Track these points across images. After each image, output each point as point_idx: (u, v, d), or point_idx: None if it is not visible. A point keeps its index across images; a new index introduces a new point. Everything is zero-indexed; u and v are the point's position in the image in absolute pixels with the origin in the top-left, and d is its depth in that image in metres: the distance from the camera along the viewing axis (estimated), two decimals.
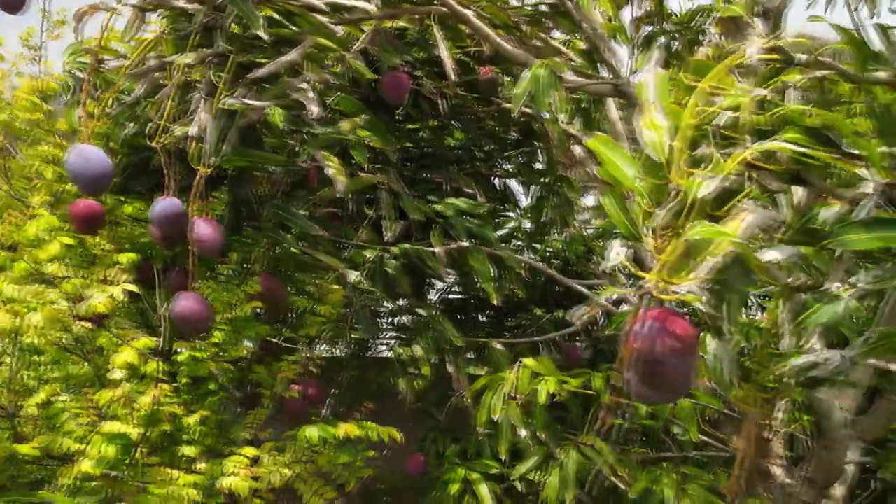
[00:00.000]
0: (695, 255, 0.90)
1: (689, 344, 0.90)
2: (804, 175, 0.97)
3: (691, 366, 0.92)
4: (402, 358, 2.88)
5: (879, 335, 1.10)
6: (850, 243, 1.11)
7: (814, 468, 2.79)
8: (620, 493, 2.74)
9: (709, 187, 0.88)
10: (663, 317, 0.90)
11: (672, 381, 0.92)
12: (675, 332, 0.89)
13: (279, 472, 2.05)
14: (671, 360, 0.90)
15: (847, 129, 0.92)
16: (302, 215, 2.12)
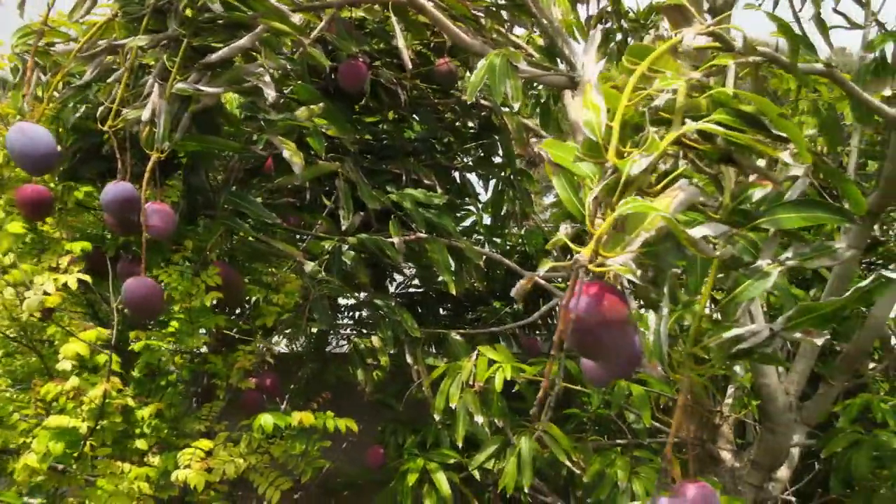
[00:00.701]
0: (628, 230, 0.93)
1: (621, 316, 0.93)
2: (735, 156, 1.01)
3: (624, 336, 0.96)
4: (361, 349, 2.88)
5: (801, 310, 1.16)
6: (782, 222, 1.16)
7: (759, 452, 2.89)
8: (576, 480, 2.80)
9: (641, 165, 0.91)
10: (597, 290, 0.93)
11: (607, 352, 0.95)
12: (607, 305, 0.92)
13: (233, 464, 2.03)
14: (605, 332, 0.92)
15: (774, 113, 0.97)
16: (258, 203, 2.10)
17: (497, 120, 3.42)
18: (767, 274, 1.18)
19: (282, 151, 2.02)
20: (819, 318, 1.14)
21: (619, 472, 2.27)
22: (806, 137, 2.71)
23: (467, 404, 2.36)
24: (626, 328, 0.97)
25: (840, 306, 1.18)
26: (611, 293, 0.94)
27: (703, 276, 1.24)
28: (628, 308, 0.96)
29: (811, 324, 1.14)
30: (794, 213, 1.16)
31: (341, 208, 2.46)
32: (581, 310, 0.92)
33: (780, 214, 1.17)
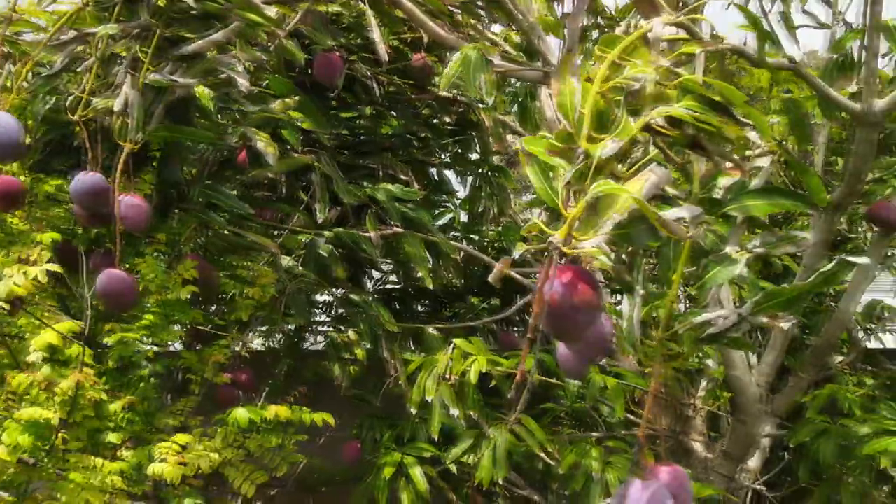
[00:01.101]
0: (600, 212, 0.95)
1: (594, 298, 0.95)
2: (702, 142, 1.04)
3: (597, 318, 0.98)
4: (337, 344, 2.88)
5: (768, 294, 1.19)
6: (749, 209, 1.20)
7: (730, 442, 2.95)
8: (552, 472, 2.82)
9: (611, 148, 0.93)
10: (570, 273, 0.95)
11: (581, 334, 0.97)
12: (581, 288, 0.94)
13: (208, 458, 2.01)
14: (579, 314, 0.94)
15: (740, 100, 0.99)
16: (232, 195, 2.09)
17: (474, 117, 3.44)
18: (735, 261, 1.21)
19: (255, 144, 2.01)
20: (785, 302, 1.18)
21: (594, 463, 2.30)
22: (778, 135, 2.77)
23: (443, 397, 2.37)
24: (599, 310, 0.99)
25: (805, 290, 1.21)
26: (584, 276, 0.96)
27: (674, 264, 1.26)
28: (600, 291, 0.98)
29: (777, 308, 1.17)
30: (760, 201, 1.19)
31: (317, 202, 2.46)
32: (556, 293, 0.93)
33: (747, 202, 1.20)
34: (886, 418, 2.30)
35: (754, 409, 2.81)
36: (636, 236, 0.96)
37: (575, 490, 2.34)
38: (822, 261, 2.40)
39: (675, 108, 0.96)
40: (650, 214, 0.90)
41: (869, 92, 1.89)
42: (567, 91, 1.06)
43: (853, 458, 2.40)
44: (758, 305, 1.20)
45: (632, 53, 1.13)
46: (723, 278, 1.18)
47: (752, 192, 1.19)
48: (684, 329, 1.22)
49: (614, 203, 0.95)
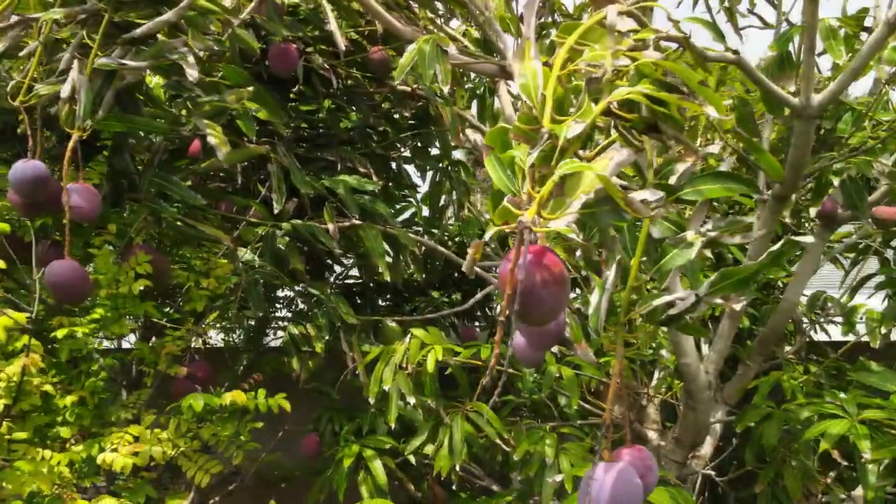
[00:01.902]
0: (567, 193, 0.98)
1: (562, 276, 0.97)
2: (659, 125, 1.07)
3: (563, 298, 0.99)
4: (295, 336, 2.87)
5: (722, 274, 1.24)
6: (703, 192, 1.24)
7: (681, 429, 3.03)
8: (511, 463, 2.86)
9: (576, 129, 0.95)
10: (538, 252, 0.96)
11: (548, 313, 0.97)
12: (549, 265, 0.96)
13: (161, 448, 1.99)
14: (546, 292, 0.95)
15: (693, 80, 1.03)
16: (183, 185, 2.06)
17: (434, 111, 3.46)
18: (691, 244, 1.25)
19: (207, 137, 2.00)
20: (738, 281, 1.23)
21: (547, 450, 2.34)
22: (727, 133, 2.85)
23: (400, 386, 2.38)
24: (568, 290, 1.00)
25: (756, 269, 1.26)
26: (551, 254, 0.98)
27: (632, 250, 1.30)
28: (566, 270, 1.00)
29: (732, 288, 1.23)
30: (713, 185, 1.23)
31: (273, 193, 2.45)
32: (525, 272, 0.94)
33: (700, 185, 1.24)
34: (826, 402, 2.39)
35: (704, 397, 2.89)
36: (602, 216, 0.98)
37: (529, 476, 2.38)
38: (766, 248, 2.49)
39: (631, 89, 0.99)
40: (615, 193, 0.92)
41: (807, 87, 1.97)
42: (529, 72, 1.08)
43: (797, 441, 2.49)
44: (713, 286, 1.24)
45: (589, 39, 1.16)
46: (679, 261, 1.22)
47: (705, 176, 1.23)
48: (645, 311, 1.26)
49: (581, 183, 0.97)
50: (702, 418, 2.95)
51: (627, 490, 1.08)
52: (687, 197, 1.27)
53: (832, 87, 1.96)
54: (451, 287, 4.13)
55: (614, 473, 1.08)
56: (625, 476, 1.09)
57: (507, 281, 0.94)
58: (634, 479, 1.10)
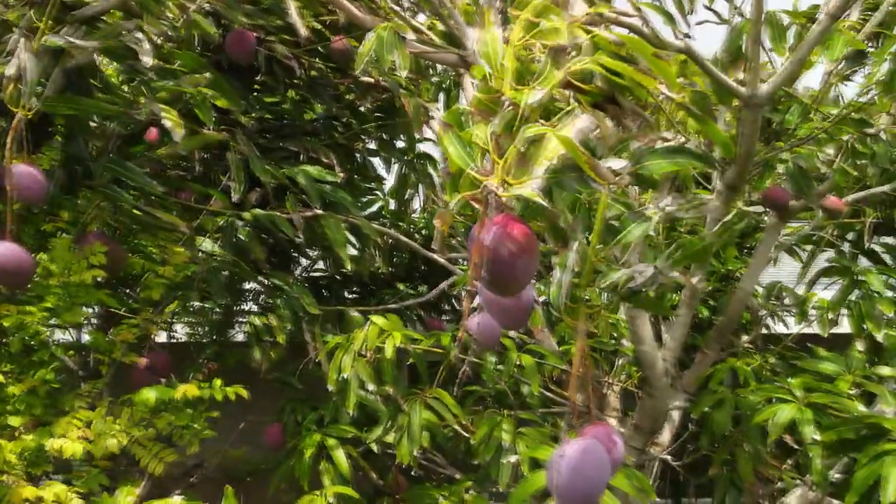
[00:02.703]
0: (531, 160, 0.99)
1: (532, 245, 0.97)
2: (617, 97, 1.09)
3: (533, 266, 0.99)
4: (258, 327, 2.86)
5: (679, 246, 1.27)
6: (653, 168, 1.27)
7: (640, 416, 3.09)
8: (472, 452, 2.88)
9: (537, 96, 0.97)
10: (507, 221, 0.97)
11: (519, 281, 0.97)
12: (518, 234, 0.96)
13: (114, 437, 1.97)
14: (518, 261, 0.95)
15: (648, 53, 1.06)
16: (139, 171, 2.05)
17: (398, 103, 3.46)
18: (648, 218, 1.28)
19: (162, 121, 1.98)
20: (695, 254, 1.26)
21: (504, 434, 2.37)
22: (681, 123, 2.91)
23: (359, 373, 2.39)
24: (537, 258, 1.00)
25: (711, 242, 1.30)
26: (519, 224, 0.98)
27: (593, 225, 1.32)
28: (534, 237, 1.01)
29: (689, 259, 1.26)
30: (663, 160, 1.26)
31: (232, 181, 2.44)
32: (494, 239, 0.94)
33: (650, 161, 1.27)
34: (776, 387, 2.46)
35: (662, 384, 2.95)
36: (567, 182, 0.99)
37: (486, 460, 2.40)
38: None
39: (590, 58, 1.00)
40: (579, 157, 0.93)
41: (754, 77, 2.03)
42: (490, 40, 1.09)
43: (748, 426, 2.56)
44: (672, 258, 1.27)
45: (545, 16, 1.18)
46: (637, 234, 1.25)
47: (656, 151, 1.25)
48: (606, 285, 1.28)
49: (544, 149, 0.98)
50: (659, 405, 3.01)
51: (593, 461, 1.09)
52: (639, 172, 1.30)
53: (777, 77, 2.01)
54: (418, 280, 4.14)
55: (580, 447, 1.10)
56: (590, 449, 1.10)
57: (476, 250, 0.94)
58: (600, 451, 1.12)
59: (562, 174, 1.01)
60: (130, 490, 1.85)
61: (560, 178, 1.02)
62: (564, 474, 1.05)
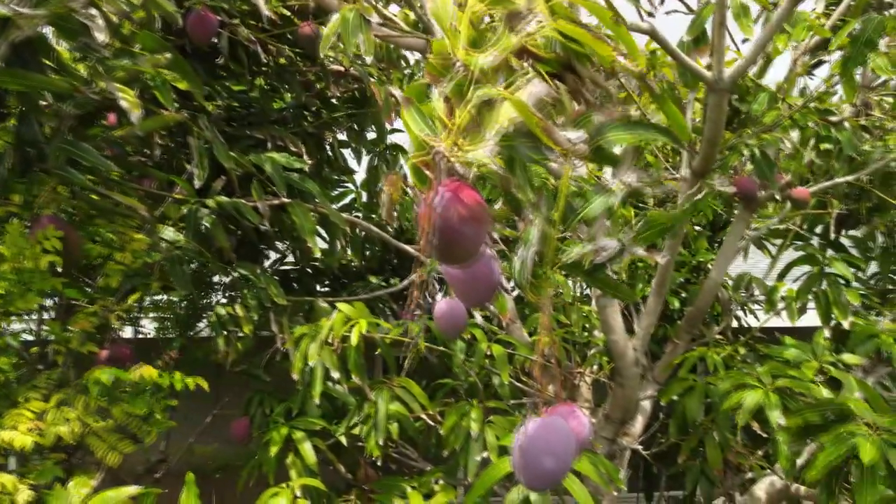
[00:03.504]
0: (484, 125, 0.95)
1: (482, 212, 0.94)
2: (575, 65, 1.06)
3: (482, 234, 0.96)
4: (223, 317, 2.80)
5: (646, 222, 1.25)
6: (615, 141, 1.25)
7: (611, 405, 3.09)
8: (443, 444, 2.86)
9: (489, 58, 0.93)
10: (457, 187, 0.93)
11: (464, 249, 0.94)
12: (468, 201, 0.93)
13: (68, 426, 1.91)
14: (467, 228, 0.92)
15: (605, 16, 1.03)
16: (94, 152, 1.98)
17: (369, 92, 3.43)
18: (612, 192, 1.26)
19: (118, 100, 1.92)
20: (660, 230, 1.24)
21: (473, 424, 2.35)
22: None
23: (325, 361, 2.35)
24: (487, 226, 0.97)
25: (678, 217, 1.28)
26: (470, 190, 0.94)
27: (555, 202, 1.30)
28: (485, 205, 0.97)
29: (656, 235, 1.24)
30: (625, 133, 1.24)
31: (195, 166, 2.38)
32: (443, 206, 0.91)
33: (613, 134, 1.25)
34: (744, 374, 2.47)
35: (632, 373, 2.96)
36: (521, 148, 0.96)
37: (454, 448, 2.38)
38: (685, 224, 2.55)
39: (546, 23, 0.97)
40: (531, 120, 0.90)
41: (719, 61, 2.03)
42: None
43: (717, 413, 2.56)
44: (638, 234, 1.25)
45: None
46: (600, 208, 1.23)
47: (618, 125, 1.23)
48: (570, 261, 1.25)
49: (497, 114, 0.95)
50: (630, 394, 3.02)
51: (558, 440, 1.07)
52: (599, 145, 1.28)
53: (741, 61, 2.02)
54: (390, 272, 4.11)
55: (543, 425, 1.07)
56: (554, 427, 1.08)
57: (424, 216, 0.91)
58: (565, 429, 1.09)
59: (515, 139, 0.98)
60: (84, 481, 1.78)
61: (513, 144, 0.99)
62: (527, 453, 1.03)
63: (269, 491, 2.43)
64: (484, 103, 0.99)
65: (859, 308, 3.32)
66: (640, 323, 2.94)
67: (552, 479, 1.05)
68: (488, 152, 0.96)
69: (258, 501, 2.42)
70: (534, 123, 0.93)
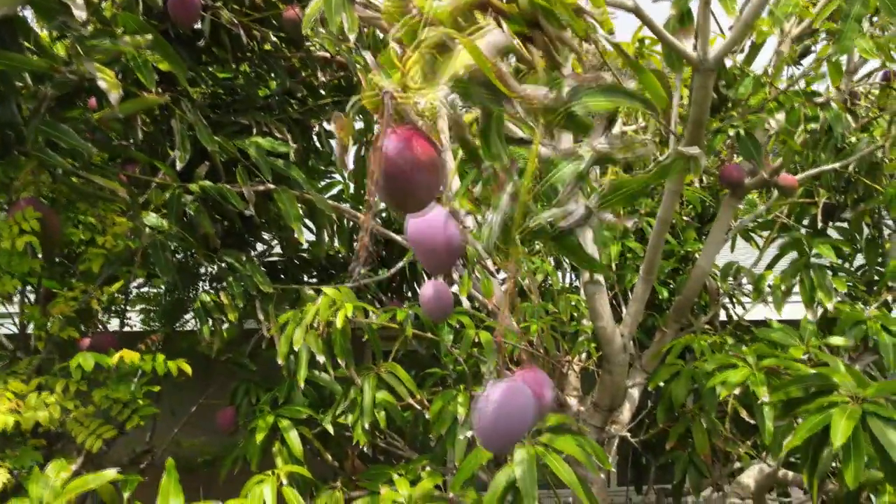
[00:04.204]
0: (438, 71, 0.94)
1: (432, 158, 0.92)
2: (540, 20, 1.04)
3: (434, 184, 0.94)
4: (207, 304, 2.78)
5: (613, 187, 1.24)
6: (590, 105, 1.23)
7: (599, 393, 3.08)
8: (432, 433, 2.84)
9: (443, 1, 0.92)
10: (408, 133, 0.92)
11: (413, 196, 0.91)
12: (418, 146, 0.91)
13: (47, 412, 1.88)
14: (416, 173, 0.90)
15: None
16: (72, 132, 1.95)
17: (356, 79, 3.40)
18: (581, 157, 1.25)
19: (97, 81, 1.90)
20: (629, 194, 1.22)
21: (459, 408, 2.33)
22: None
23: (310, 345, 2.33)
24: (438, 173, 0.95)
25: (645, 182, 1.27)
26: (423, 135, 0.92)
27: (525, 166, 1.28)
28: (440, 154, 0.96)
29: (623, 200, 1.22)
30: (601, 98, 1.22)
31: (177, 149, 2.35)
32: (391, 150, 0.88)
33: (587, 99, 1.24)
34: (730, 356, 2.47)
35: (620, 359, 2.95)
36: (476, 94, 0.94)
37: (440, 433, 2.36)
38: (674, 208, 2.55)
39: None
40: (485, 66, 0.88)
41: (703, 41, 2.02)
42: None
43: (703, 396, 2.56)
44: (604, 198, 1.24)
45: None
46: (569, 174, 1.21)
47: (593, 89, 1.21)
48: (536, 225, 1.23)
49: (453, 60, 0.93)
50: (618, 381, 3.01)
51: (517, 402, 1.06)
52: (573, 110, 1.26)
53: (726, 40, 2.01)
54: (378, 263, 4.09)
55: (504, 387, 1.06)
56: (515, 390, 1.07)
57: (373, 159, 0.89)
58: (525, 392, 1.08)
59: (469, 85, 0.96)
60: (63, 465, 1.75)
61: (468, 89, 0.97)
62: (487, 414, 1.01)
63: (255, 478, 2.41)
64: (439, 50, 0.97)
65: (846, 298, 3.33)
66: (628, 309, 2.94)
67: (508, 439, 1.05)
68: (442, 95, 0.95)
69: (243, 489, 2.39)
70: (488, 69, 0.91)
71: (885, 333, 2.70)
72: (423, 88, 0.92)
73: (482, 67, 0.89)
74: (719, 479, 3.39)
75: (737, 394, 2.44)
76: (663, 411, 2.69)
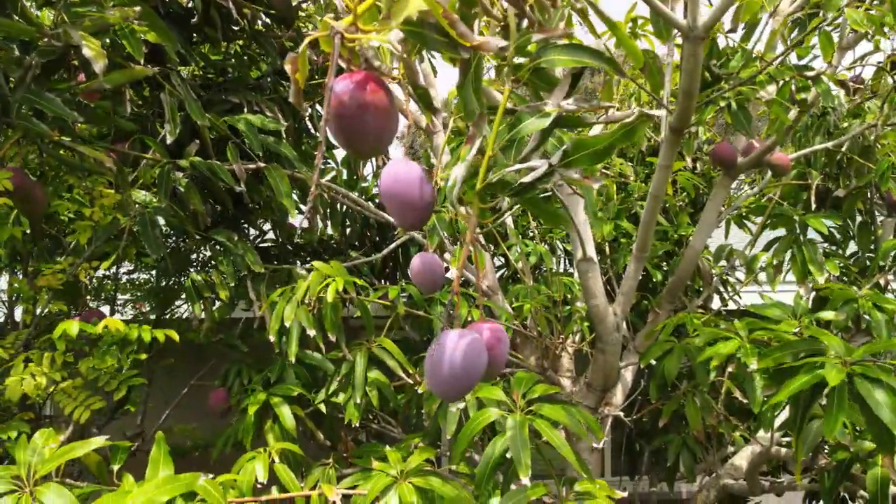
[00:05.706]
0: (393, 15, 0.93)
1: (383, 100, 0.92)
2: None
3: (387, 127, 0.95)
4: (198, 282, 2.76)
5: (576, 145, 1.23)
6: (554, 62, 1.23)
7: (592, 373, 3.07)
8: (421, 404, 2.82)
9: None
10: (359, 76, 0.92)
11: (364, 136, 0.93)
12: (369, 89, 0.91)
13: (33, 381, 1.86)
14: (367, 115, 0.91)
15: None
16: (57, 100, 1.93)
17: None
18: (547, 114, 1.24)
19: (83, 49, 1.88)
20: (593, 154, 1.21)
21: None
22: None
23: (300, 320, 2.31)
24: (390, 116, 0.95)
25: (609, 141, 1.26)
26: (373, 80, 0.93)
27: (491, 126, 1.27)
28: (391, 97, 0.96)
29: (587, 160, 1.21)
30: (564, 56, 1.22)
31: (167, 123, 2.33)
32: (340, 90, 0.89)
33: (553, 56, 1.23)
34: (721, 329, 2.46)
35: (613, 338, 2.94)
36: (429, 39, 0.94)
37: (432, 409, 2.35)
38: (666, 184, 2.54)
39: None
40: (437, 11, 0.88)
41: (693, 8, 2.02)
42: None
43: (696, 372, 2.55)
44: (567, 155, 1.22)
45: None
46: (532, 129, 1.20)
47: (559, 47, 1.21)
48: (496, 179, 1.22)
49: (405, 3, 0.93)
50: (611, 360, 3.00)
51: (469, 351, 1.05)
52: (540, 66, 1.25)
53: (715, 8, 2.01)
54: (371, 247, 4.08)
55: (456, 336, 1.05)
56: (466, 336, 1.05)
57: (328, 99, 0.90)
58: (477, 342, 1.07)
59: (421, 28, 0.96)
60: (51, 433, 1.74)
61: (420, 33, 0.97)
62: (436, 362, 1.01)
63: (246, 455, 2.39)
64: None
65: (838, 281, 3.33)
66: (621, 287, 2.93)
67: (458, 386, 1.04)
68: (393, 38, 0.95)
69: (235, 465, 2.38)
70: (439, 14, 0.91)
71: (878, 311, 2.69)
72: (375, 30, 0.92)
73: (434, 12, 0.89)
74: (713, 465, 3.39)
75: (730, 370, 2.43)
76: (656, 388, 2.68)
